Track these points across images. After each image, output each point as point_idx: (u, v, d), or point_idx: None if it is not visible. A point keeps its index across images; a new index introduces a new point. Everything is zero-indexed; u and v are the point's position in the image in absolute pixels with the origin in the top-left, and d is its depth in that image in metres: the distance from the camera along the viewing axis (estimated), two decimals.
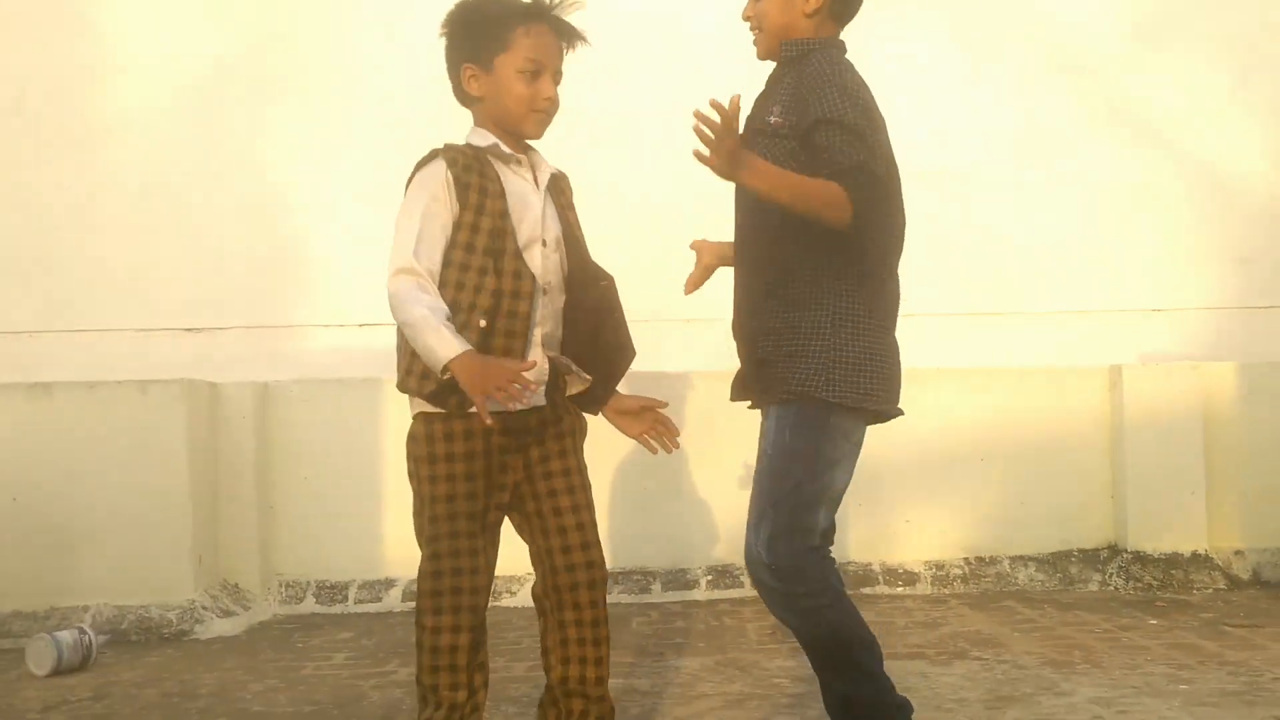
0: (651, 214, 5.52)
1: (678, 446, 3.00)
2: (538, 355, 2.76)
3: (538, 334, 2.78)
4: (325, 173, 5.80)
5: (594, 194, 3.53)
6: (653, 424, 2.98)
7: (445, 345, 2.58)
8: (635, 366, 2.97)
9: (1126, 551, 5.28)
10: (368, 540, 5.23)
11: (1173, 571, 5.20)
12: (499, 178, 2.77)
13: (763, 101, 2.91)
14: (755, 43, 2.98)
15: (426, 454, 2.71)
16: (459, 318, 2.68)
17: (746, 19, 2.97)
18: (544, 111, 2.82)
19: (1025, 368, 5.50)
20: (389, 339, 2.90)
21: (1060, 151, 5.90)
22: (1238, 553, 5.32)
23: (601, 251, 2.95)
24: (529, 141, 2.87)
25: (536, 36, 2.79)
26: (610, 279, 2.89)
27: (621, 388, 2.97)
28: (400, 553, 5.15)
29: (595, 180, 5.06)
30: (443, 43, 2.87)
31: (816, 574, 2.77)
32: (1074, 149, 5.90)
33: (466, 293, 2.70)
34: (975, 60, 5.91)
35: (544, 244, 2.79)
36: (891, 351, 2.87)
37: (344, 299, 5.72)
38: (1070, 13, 5.92)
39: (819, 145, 2.72)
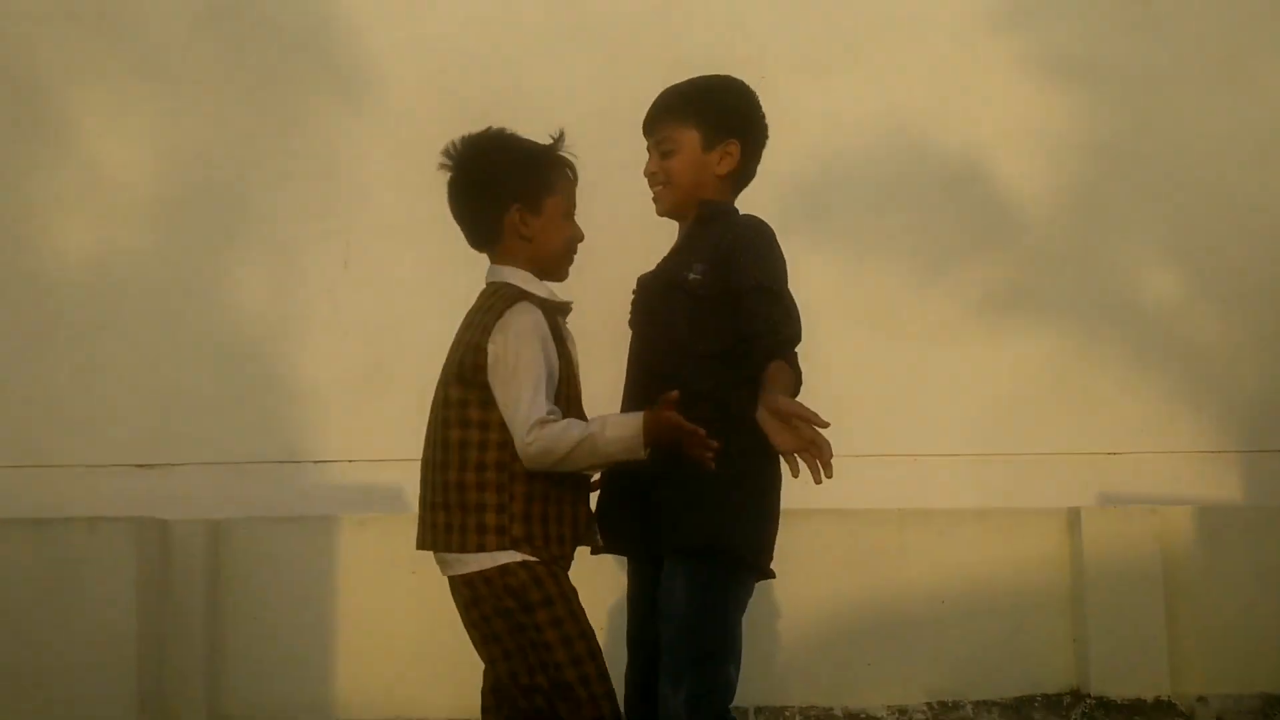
0: None
1: (829, 477, 2.65)
2: None
3: None
4: (281, 307, 5.79)
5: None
6: (807, 442, 2.64)
7: (624, 424, 2.61)
8: None
9: (1090, 697, 5.21)
10: (319, 681, 5.09)
11: (1136, 718, 5.13)
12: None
13: (680, 257, 2.94)
14: (657, 198, 3.03)
15: (557, 592, 2.68)
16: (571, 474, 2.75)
17: (652, 174, 3.02)
18: (573, 255, 2.90)
19: (985, 509, 5.48)
20: (345, 476, 2.87)
21: (1015, 293, 5.97)
22: (1200, 699, 5.26)
23: None
24: None
25: (570, 180, 2.89)
26: None
27: None
28: (351, 694, 5.02)
29: None
30: (453, 186, 2.87)
31: None
32: (1028, 292, 5.97)
33: None
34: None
35: None
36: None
37: (299, 435, 5.67)
38: (999, 175, 6.04)
39: (754, 311, 2.76)
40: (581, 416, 2.80)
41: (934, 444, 5.79)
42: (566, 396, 2.77)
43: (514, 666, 2.70)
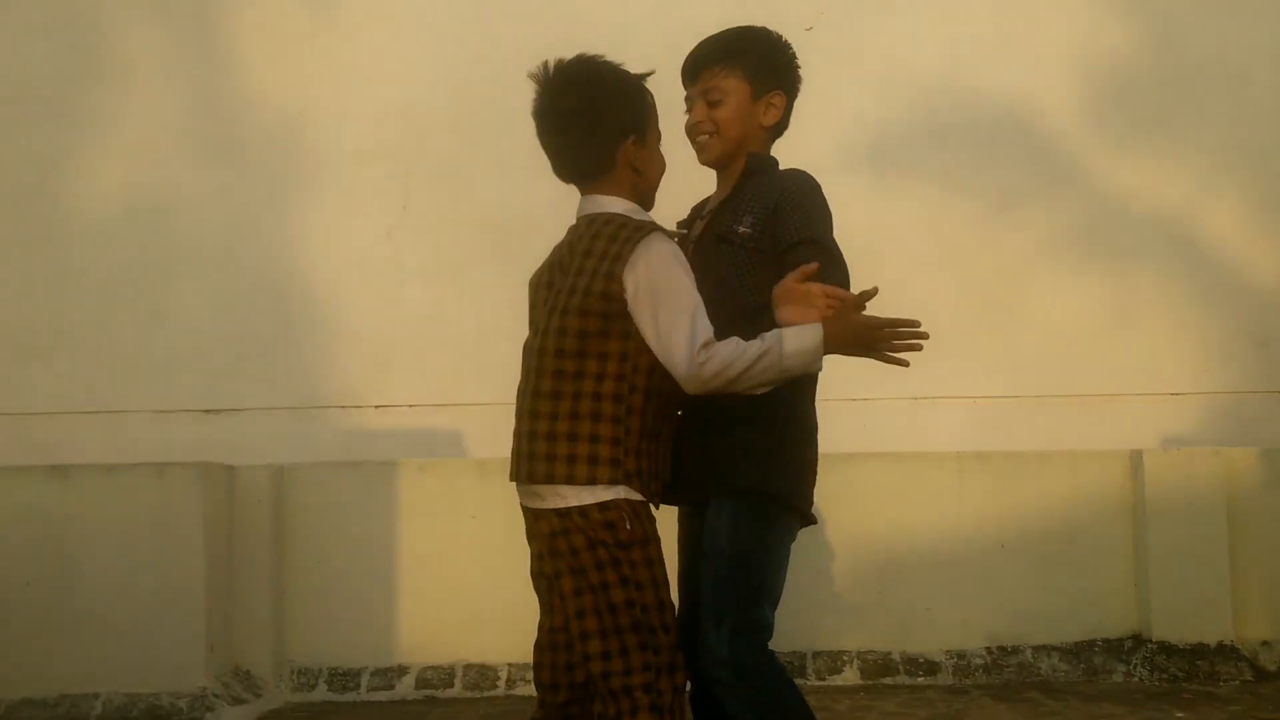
0: None
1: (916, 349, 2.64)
2: None
3: None
4: (342, 252, 5.83)
5: None
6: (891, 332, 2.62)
7: (802, 336, 2.56)
8: None
9: (1151, 642, 5.19)
10: (381, 626, 5.17)
11: (1198, 662, 5.11)
12: None
13: (728, 210, 2.90)
14: (704, 147, 2.97)
15: (652, 531, 2.66)
16: (671, 409, 2.71)
17: (698, 123, 2.96)
18: None
19: (1046, 452, 5.44)
20: (406, 421, 2.87)
21: (1076, 236, 5.90)
22: (1264, 643, 5.23)
23: None
24: None
25: (656, 109, 2.82)
26: None
27: None
28: (413, 639, 5.12)
29: None
30: (565, 113, 2.75)
31: (773, 667, 2.78)
32: (1094, 235, 5.89)
33: (670, 381, 2.64)
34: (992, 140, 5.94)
35: None
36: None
37: (361, 380, 5.73)
38: (1064, 111, 5.94)
39: (800, 263, 2.74)
40: None
41: (994, 386, 5.76)
42: None
43: (595, 602, 2.63)
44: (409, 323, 5.78)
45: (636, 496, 2.64)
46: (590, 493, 2.61)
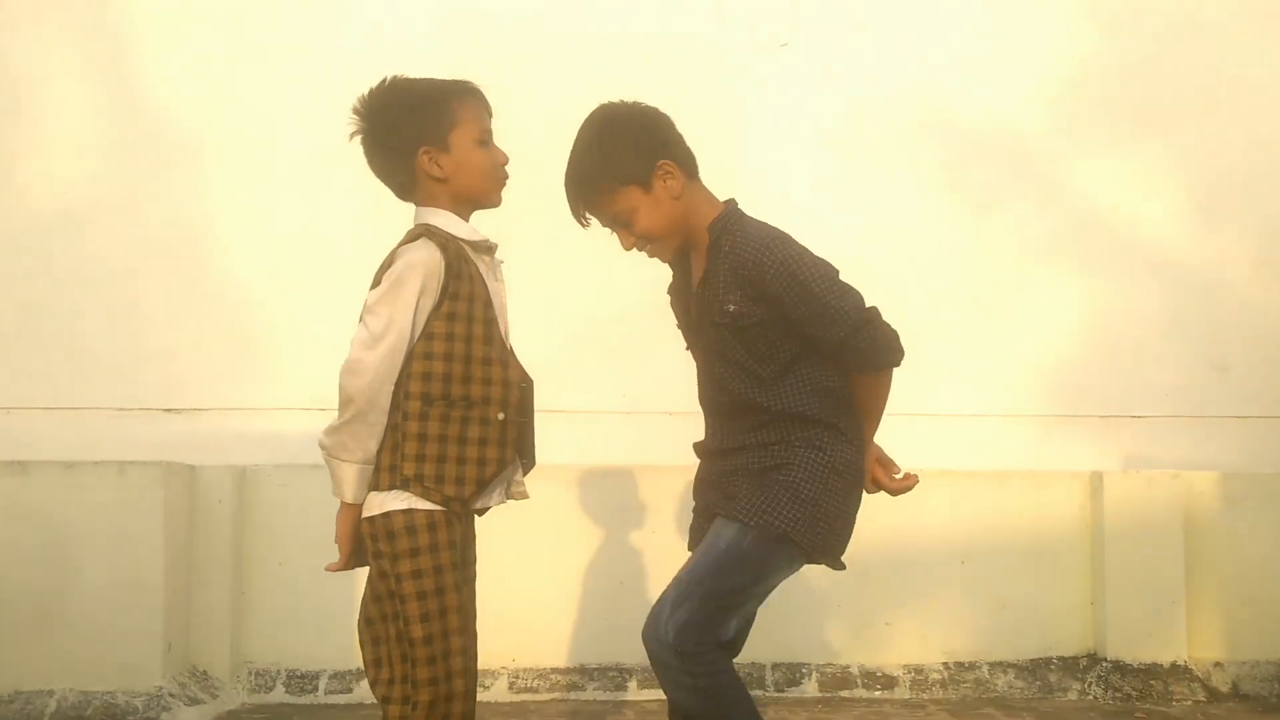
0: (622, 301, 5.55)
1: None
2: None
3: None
4: (308, 254, 5.80)
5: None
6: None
7: (346, 480, 2.66)
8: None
9: (1106, 660, 5.23)
10: (341, 629, 5.09)
11: (1152, 682, 5.15)
12: (475, 263, 2.74)
13: (709, 292, 2.87)
14: (656, 256, 2.95)
15: (428, 543, 2.62)
16: (475, 412, 2.65)
17: (632, 248, 2.93)
18: (503, 179, 2.80)
19: (1007, 471, 5.49)
20: None
21: (1041, 257, 5.95)
22: (1217, 665, 5.29)
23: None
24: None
25: (474, 106, 2.78)
26: (530, 382, 2.83)
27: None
28: None
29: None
30: (363, 141, 2.83)
31: (716, 660, 2.78)
32: (1059, 257, 5.94)
33: (477, 385, 2.65)
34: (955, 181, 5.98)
35: (506, 334, 2.79)
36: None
37: (324, 382, 5.68)
38: (1034, 129, 6.00)
39: (804, 318, 2.76)
40: (493, 358, 2.69)
41: (957, 404, 5.79)
42: (480, 337, 2.67)
43: (369, 611, 2.74)
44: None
45: (424, 505, 2.63)
46: (378, 501, 2.66)
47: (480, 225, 2.83)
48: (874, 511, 5.21)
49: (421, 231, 2.72)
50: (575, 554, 5.22)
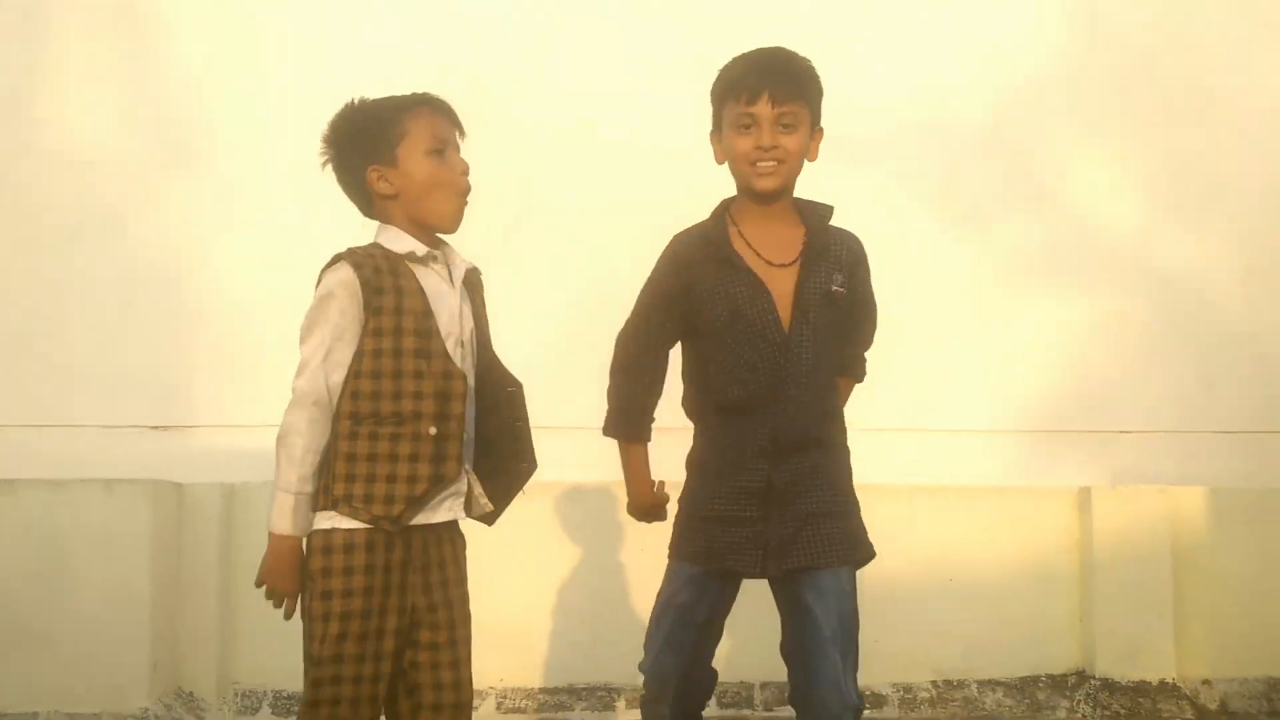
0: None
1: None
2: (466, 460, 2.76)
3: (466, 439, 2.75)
4: (296, 269, 5.74)
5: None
6: None
7: (283, 512, 2.65)
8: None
9: (1094, 678, 5.23)
10: None
11: (1140, 700, 5.15)
12: (414, 275, 2.73)
13: (820, 264, 2.86)
14: (768, 174, 2.84)
15: (342, 565, 2.62)
16: (406, 428, 2.63)
17: (771, 148, 2.82)
18: (464, 190, 2.79)
19: (995, 487, 5.48)
20: None
21: (1028, 271, 5.95)
22: (1205, 682, 5.29)
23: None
24: (442, 236, 2.84)
25: (427, 117, 2.79)
26: (519, 385, 2.83)
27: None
28: None
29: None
30: (330, 167, 2.89)
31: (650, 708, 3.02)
32: (1045, 271, 5.95)
33: (407, 400, 2.64)
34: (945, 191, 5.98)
35: (461, 343, 2.76)
36: None
37: None
38: (1029, 143, 6.00)
39: (860, 319, 3.00)
40: (426, 371, 2.65)
41: (944, 420, 5.79)
42: (409, 350, 2.65)
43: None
44: None
45: (349, 524, 2.64)
46: (313, 522, 2.69)
47: (465, 237, 2.85)
48: None
49: (342, 254, 2.77)
50: (563, 573, 5.21)
